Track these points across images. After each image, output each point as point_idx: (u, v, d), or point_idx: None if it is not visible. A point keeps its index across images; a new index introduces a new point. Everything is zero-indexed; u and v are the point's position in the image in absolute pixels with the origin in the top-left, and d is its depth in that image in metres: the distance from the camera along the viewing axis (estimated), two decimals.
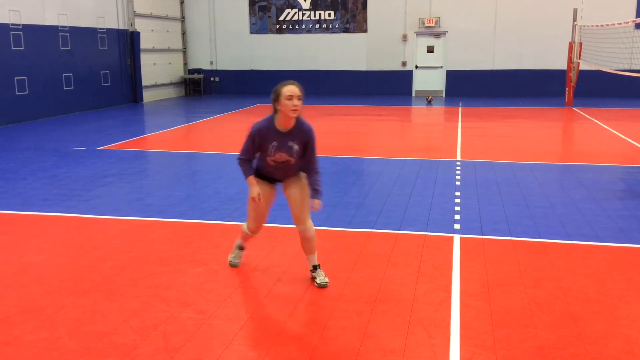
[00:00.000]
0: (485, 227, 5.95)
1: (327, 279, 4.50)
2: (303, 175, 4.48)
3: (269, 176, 4.43)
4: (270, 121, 4.21)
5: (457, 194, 7.33)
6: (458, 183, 7.90)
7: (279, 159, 4.27)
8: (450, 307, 4.11)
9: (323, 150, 10.88)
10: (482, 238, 5.61)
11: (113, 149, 10.84)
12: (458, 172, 8.57)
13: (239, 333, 3.79)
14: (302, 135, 4.28)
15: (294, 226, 5.98)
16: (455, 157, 9.79)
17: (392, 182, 7.99)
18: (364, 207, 6.77)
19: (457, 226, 5.99)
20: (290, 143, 4.23)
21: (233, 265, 4.90)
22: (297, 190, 4.43)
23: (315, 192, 4.38)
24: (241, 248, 4.91)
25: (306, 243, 4.53)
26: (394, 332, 3.77)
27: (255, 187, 4.33)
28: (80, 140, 11.88)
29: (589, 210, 6.54)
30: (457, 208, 6.67)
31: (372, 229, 5.93)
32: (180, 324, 3.91)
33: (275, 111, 4.20)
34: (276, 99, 4.11)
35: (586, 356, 3.47)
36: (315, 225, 6.05)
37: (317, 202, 4.37)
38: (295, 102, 4.07)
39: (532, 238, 5.61)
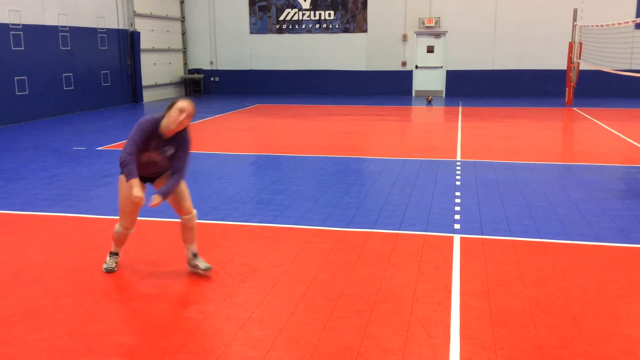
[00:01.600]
0: (485, 227, 5.95)
1: (208, 264, 4.73)
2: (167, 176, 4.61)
3: (141, 172, 4.46)
4: (156, 123, 4.36)
5: (457, 194, 7.33)
6: (458, 183, 7.90)
7: (152, 157, 4.44)
8: (450, 307, 4.11)
9: (323, 150, 10.93)
10: (482, 238, 5.61)
11: (113, 149, 10.84)
12: (458, 172, 8.57)
13: (239, 333, 3.79)
14: (178, 141, 4.44)
15: (294, 226, 6.04)
16: (455, 157, 9.79)
17: (392, 182, 7.99)
18: (364, 207, 6.77)
19: (457, 226, 5.99)
20: (167, 147, 4.43)
21: (110, 271, 4.81)
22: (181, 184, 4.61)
23: (160, 192, 4.44)
24: (116, 254, 4.89)
25: (189, 232, 4.71)
26: (394, 332, 3.77)
27: (137, 189, 4.34)
28: (80, 140, 11.88)
29: (589, 210, 6.54)
30: (457, 208, 6.67)
31: (372, 229, 5.93)
32: (180, 324, 3.90)
33: (165, 115, 4.37)
34: (169, 107, 4.34)
35: (586, 356, 3.47)
36: (315, 225, 6.08)
37: (158, 199, 4.39)
38: (182, 118, 4.28)
39: (532, 238, 5.61)
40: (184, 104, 4.34)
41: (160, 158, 4.46)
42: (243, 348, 3.60)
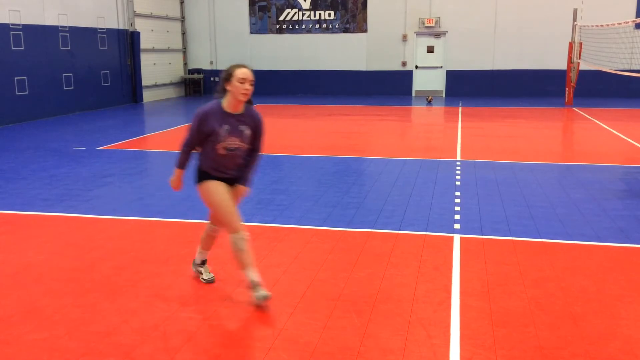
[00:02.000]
0: (485, 227, 5.95)
1: (212, 275, 4.56)
2: (242, 187, 4.32)
3: (220, 175, 4.16)
4: (218, 104, 4.03)
5: (457, 194, 7.33)
6: (458, 183, 7.90)
7: (231, 144, 4.05)
8: (450, 307, 4.11)
9: (323, 150, 10.92)
10: (482, 238, 5.61)
11: (113, 149, 10.84)
12: (458, 172, 8.57)
13: (239, 333, 3.79)
14: (253, 120, 4.12)
15: (294, 226, 6.04)
16: (455, 157, 9.79)
17: (392, 182, 7.99)
18: (364, 207, 6.77)
19: (457, 226, 5.99)
20: (242, 127, 4.05)
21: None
22: (237, 195, 4.32)
23: (243, 179, 4.27)
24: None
25: (212, 241, 4.56)
26: (394, 332, 3.77)
27: (177, 178, 4.26)
28: (80, 140, 11.88)
29: (589, 210, 6.54)
30: (457, 208, 6.67)
31: (372, 229, 5.93)
32: (180, 324, 3.90)
33: (224, 94, 4.01)
34: (227, 79, 3.93)
35: (586, 356, 3.47)
36: (315, 225, 6.08)
37: (244, 190, 4.28)
38: (247, 86, 3.92)
39: (532, 238, 5.61)
40: (241, 70, 3.92)
41: (240, 143, 4.06)
42: (243, 348, 3.60)
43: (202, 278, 4.58)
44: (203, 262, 4.61)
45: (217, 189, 4.12)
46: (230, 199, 4.15)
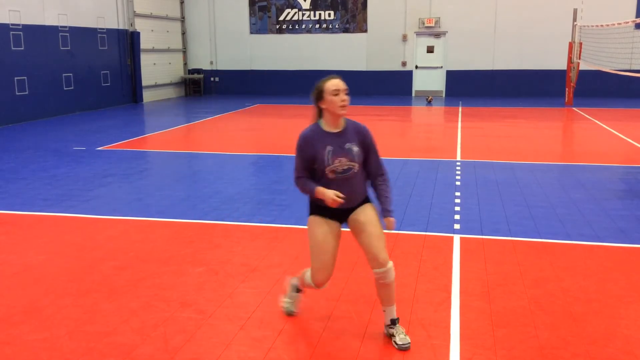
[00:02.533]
0: (485, 227, 5.95)
1: (408, 339, 3.58)
2: (371, 204, 3.75)
3: (335, 209, 3.58)
4: (316, 125, 3.58)
5: (457, 194, 7.33)
6: (458, 183, 7.90)
7: (340, 166, 3.50)
8: (450, 307, 4.11)
9: None
10: (482, 238, 5.61)
11: (113, 149, 10.84)
12: (458, 172, 8.56)
13: (239, 333, 3.79)
14: (358, 134, 3.62)
15: (294, 226, 6.03)
16: (455, 157, 9.78)
17: (392, 182, 7.96)
18: None
19: (457, 226, 5.99)
20: (348, 145, 3.54)
21: (289, 314, 4.02)
22: (370, 219, 3.64)
23: (385, 211, 3.67)
24: (299, 290, 4.02)
25: (384, 290, 3.59)
26: None
27: (330, 191, 3.43)
28: (80, 140, 11.88)
29: (589, 210, 6.54)
30: (457, 208, 6.67)
31: None
32: (180, 324, 3.90)
33: (320, 113, 3.59)
34: (319, 97, 3.54)
35: (586, 356, 3.47)
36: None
37: (391, 221, 3.66)
38: (343, 96, 3.54)
39: (532, 238, 5.61)
40: (330, 82, 3.54)
41: (350, 162, 3.52)
42: (243, 348, 3.60)
43: (396, 343, 3.60)
44: (393, 323, 3.67)
45: (320, 226, 3.62)
46: (330, 244, 3.63)
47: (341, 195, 3.43)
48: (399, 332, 3.61)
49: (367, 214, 3.66)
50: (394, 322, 3.64)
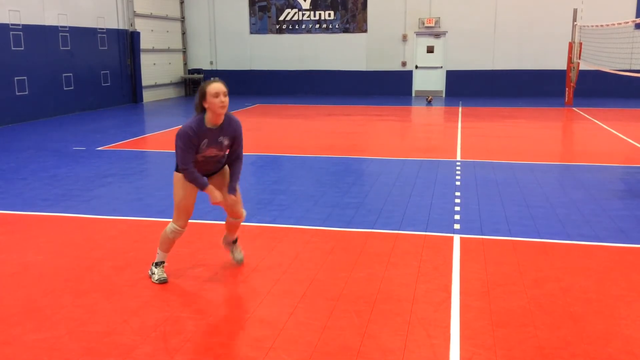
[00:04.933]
0: (485, 227, 5.95)
1: (242, 254, 4.94)
2: (227, 169, 4.60)
3: (202, 174, 4.45)
4: (200, 121, 4.23)
5: (457, 194, 7.33)
6: (458, 183, 7.90)
7: (209, 154, 4.34)
8: (450, 307, 4.11)
9: (323, 150, 10.92)
10: (482, 238, 5.61)
11: (113, 149, 10.84)
12: (458, 172, 8.57)
13: (239, 333, 3.79)
14: (232, 130, 4.36)
15: (294, 226, 6.04)
16: (455, 157, 9.79)
17: (392, 182, 7.99)
18: (364, 207, 6.77)
19: (457, 226, 5.99)
20: (221, 138, 4.31)
21: (163, 281, 4.56)
22: (224, 181, 4.60)
23: (231, 188, 4.51)
24: (163, 262, 4.66)
25: (234, 227, 4.82)
26: (394, 332, 3.77)
27: (217, 192, 4.42)
28: (80, 140, 11.88)
29: (589, 210, 6.54)
30: (457, 208, 6.67)
31: (372, 229, 5.93)
32: (180, 324, 3.90)
33: (203, 111, 4.23)
34: (203, 98, 4.16)
35: (586, 356, 3.47)
36: (315, 226, 6.08)
37: (232, 198, 4.52)
38: (222, 98, 4.14)
39: (532, 238, 5.61)
40: (212, 86, 4.16)
41: (218, 152, 4.38)
42: (243, 348, 3.60)
43: (234, 256, 4.94)
44: (234, 242, 4.95)
45: (186, 183, 4.38)
46: (193, 195, 4.47)
47: (220, 200, 4.44)
48: (237, 250, 4.97)
49: (224, 178, 4.60)
50: (235, 242, 4.93)
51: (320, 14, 21.91)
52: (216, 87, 4.14)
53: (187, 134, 4.19)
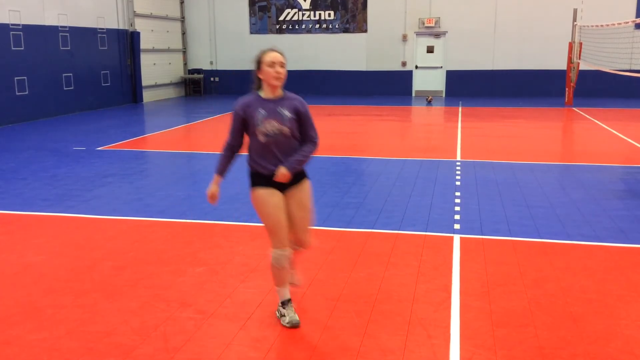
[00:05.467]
0: (485, 227, 5.95)
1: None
2: (308, 185, 3.93)
3: (267, 168, 3.75)
4: (255, 94, 3.83)
5: (457, 194, 7.33)
6: (458, 183, 7.90)
7: (270, 128, 3.69)
8: (450, 307, 4.11)
9: (323, 150, 10.88)
10: (482, 238, 5.61)
11: (113, 149, 10.84)
12: (458, 172, 8.56)
13: (239, 333, 3.79)
14: (293, 103, 3.81)
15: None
16: (455, 157, 9.78)
17: (392, 182, 7.99)
18: (364, 207, 6.77)
19: (457, 226, 5.99)
20: (280, 109, 3.74)
21: (295, 325, 3.82)
22: (302, 203, 3.85)
23: (291, 163, 3.74)
24: (288, 302, 3.92)
25: (292, 266, 4.00)
26: (394, 332, 3.77)
27: (214, 184, 3.93)
28: (80, 140, 11.88)
29: (589, 210, 6.54)
30: (457, 208, 6.67)
31: (372, 229, 5.93)
32: (180, 324, 3.90)
33: (259, 83, 3.82)
34: (258, 68, 3.76)
35: (586, 356, 3.47)
36: (315, 226, 6.07)
37: (282, 172, 3.70)
38: (278, 68, 3.73)
39: (532, 238, 5.61)
40: (268, 55, 3.74)
41: (280, 124, 3.69)
42: (243, 348, 3.60)
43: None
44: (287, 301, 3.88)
45: (267, 199, 3.75)
46: (280, 209, 3.75)
47: (214, 199, 3.95)
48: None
49: (301, 198, 3.87)
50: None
51: (320, 14, 21.91)
52: (272, 55, 3.73)
53: (235, 107, 3.79)
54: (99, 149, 10.80)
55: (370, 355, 3.49)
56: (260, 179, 3.79)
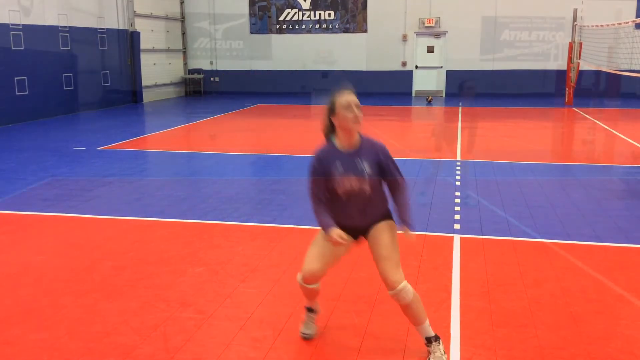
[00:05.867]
0: (485, 227, 5.95)
1: (310, 332, 3.74)
2: (392, 224, 3.61)
3: (346, 223, 3.49)
4: (330, 144, 3.49)
5: (457, 194, 7.32)
6: (458, 183, 7.90)
7: (349, 186, 3.38)
8: (450, 307, 4.11)
9: None
10: (482, 238, 5.60)
11: (113, 149, 10.84)
12: (458, 172, 8.56)
13: (239, 333, 3.78)
14: (373, 152, 3.43)
15: (294, 226, 6.03)
16: (455, 157, 9.78)
17: None
18: None
19: (457, 226, 5.98)
20: (360, 165, 3.38)
21: (307, 338, 3.73)
22: (381, 242, 3.50)
23: (402, 222, 3.54)
24: (310, 310, 3.77)
25: (406, 310, 3.44)
26: (394, 332, 3.77)
27: (335, 229, 3.39)
28: (80, 140, 11.88)
29: (589, 210, 6.54)
30: (457, 208, 6.67)
31: None
32: (180, 324, 3.90)
33: (333, 130, 3.49)
34: (332, 113, 3.42)
35: (586, 356, 3.47)
36: (315, 225, 6.05)
37: (407, 230, 3.55)
38: (356, 111, 3.36)
39: (532, 238, 5.61)
40: (342, 98, 3.39)
41: (361, 181, 3.39)
42: (243, 348, 3.60)
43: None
44: (428, 341, 3.46)
45: (318, 240, 3.56)
46: (329, 249, 3.51)
47: (345, 237, 3.37)
48: (435, 351, 3.41)
49: (379, 236, 3.52)
50: (428, 340, 3.44)
51: (320, 14, 21.91)
52: (348, 98, 3.37)
53: (312, 161, 3.46)
54: (99, 149, 10.80)
55: (370, 355, 3.49)
56: (337, 224, 3.47)
